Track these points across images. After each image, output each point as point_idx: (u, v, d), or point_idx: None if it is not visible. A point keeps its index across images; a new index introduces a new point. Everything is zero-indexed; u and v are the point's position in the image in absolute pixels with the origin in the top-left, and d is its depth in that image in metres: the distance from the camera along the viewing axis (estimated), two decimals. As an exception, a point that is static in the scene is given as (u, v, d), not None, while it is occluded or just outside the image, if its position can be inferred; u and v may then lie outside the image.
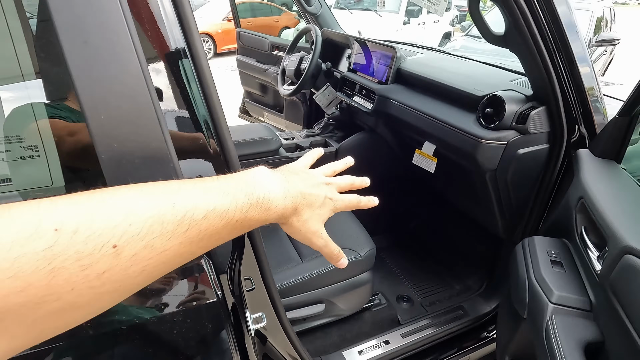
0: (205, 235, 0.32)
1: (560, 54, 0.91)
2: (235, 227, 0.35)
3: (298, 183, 0.42)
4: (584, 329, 0.67)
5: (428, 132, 1.26)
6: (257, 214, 0.36)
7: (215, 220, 0.32)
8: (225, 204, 0.33)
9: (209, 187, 0.33)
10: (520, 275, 0.86)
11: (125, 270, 0.26)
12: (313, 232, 0.45)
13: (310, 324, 1.17)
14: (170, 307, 0.54)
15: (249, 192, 0.35)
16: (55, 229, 0.24)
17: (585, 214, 0.77)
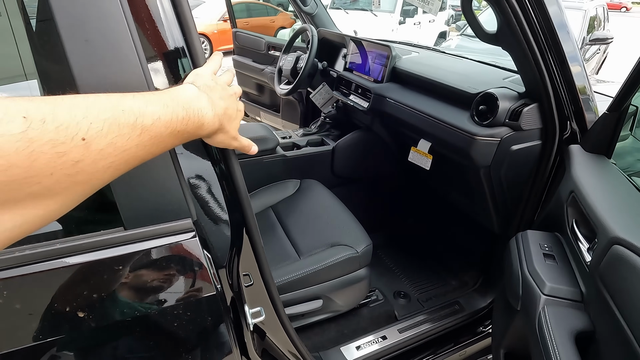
0: (155, 141, 0.37)
1: (552, 52, 0.93)
2: (177, 136, 0.40)
3: (219, 101, 0.47)
4: (575, 319, 0.69)
5: (423, 129, 1.27)
6: (193, 127, 0.42)
7: (161, 128, 0.37)
8: (168, 115, 0.38)
9: (150, 99, 0.38)
10: (513, 269, 0.88)
11: (95, 164, 0.31)
12: (231, 138, 0.52)
13: (308, 320, 1.18)
14: (170, 300, 0.55)
15: (185, 106, 0.41)
16: (23, 117, 0.26)
17: (576, 207, 0.79)
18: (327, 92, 1.79)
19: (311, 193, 1.43)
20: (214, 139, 0.51)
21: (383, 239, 1.75)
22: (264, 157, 1.51)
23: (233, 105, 0.51)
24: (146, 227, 0.54)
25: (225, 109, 0.49)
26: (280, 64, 1.89)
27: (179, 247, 0.56)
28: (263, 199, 1.45)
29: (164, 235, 0.55)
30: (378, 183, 1.81)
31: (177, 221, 0.56)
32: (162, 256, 0.55)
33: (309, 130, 1.80)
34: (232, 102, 0.51)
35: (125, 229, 0.53)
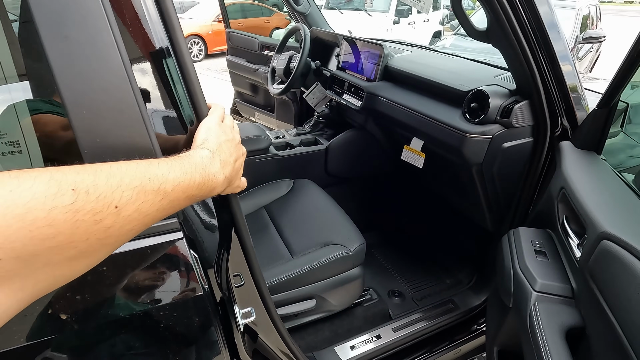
0: (173, 204, 0.40)
1: (542, 51, 0.93)
2: (191, 200, 0.43)
3: (229, 159, 0.50)
4: (566, 315, 0.69)
5: (416, 128, 1.27)
6: (205, 192, 0.45)
7: (179, 193, 0.40)
8: (186, 181, 0.41)
9: (173, 165, 0.40)
10: (505, 266, 0.88)
11: (122, 228, 0.34)
12: (235, 187, 0.56)
13: (301, 320, 1.18)
14: (156, 300, 0.54)
15: (202, 173, 0.43)
16: (72, 189, 0.30)
17: (566, 203, 0.79)
18: (321, 91, 1.79)
19: (304, 193, 1.42)
20: (221, 193, 0.53)
21: (377, 238, 1.75)
22: (257, 157, 1.50)
23: (239, 156, 0.54)
24: (131, 227, 0.53)
25: (233, 167, 0.51)
26: (273, 63, 1.89)
27: (164, 246, 0.55)
28: (256, 199, 1.44)
29: (149, 235, 0.54)
30: (372, 182, 1.81)
31: (163, 221, 0.55)
32: (147, 256, 0.54)
33: (302, 130, 1.79)
34: (239, 154, 0.54)
35: (110, 229, 0.53)
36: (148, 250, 0.54)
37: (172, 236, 0.55)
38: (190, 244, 0.58)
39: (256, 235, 1.27)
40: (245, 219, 1.37)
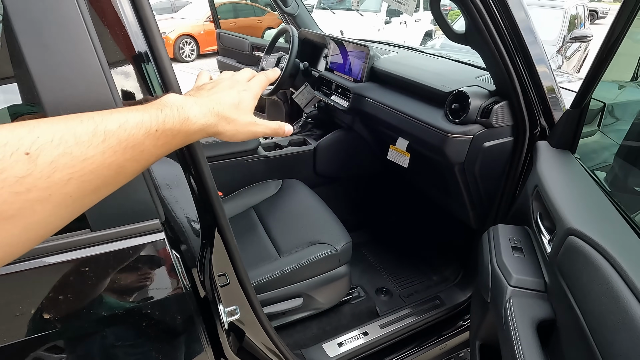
0: (129, 145, 0.34)
1: (519, 54, 0.96)
2: (159, 137, 0.37)
3: (210, 94, 0.45)
4: (537, 308, 0.72)
5: (400, 128, 1.30)
6: (176, 123, 0.39)
7: (132, 129, 0.35)
8: (138, 116, 0.36)
9: (119, 109, 0.36)
10: (484, 262, 0.90)
11: (49, 177, 0.29)
12: (247, 124, 0.47)
13: (289, 318, 1.20)
14: (138, 300, 0.56)
15: (161, 106, 0.39)
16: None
17: (540, 201, 0.81)
18: (310, 92, 1.81)
19: (293, 193, 1.44)
20: (227, 134, 0.46)
21: (366, 237, 1.77)
22: (246, 158, 1.52)
23: (232, 91, 0.47)
24: (113, 228, 0.55)
25: (220, 100, 0.45)
26: (262, 64, 1.90)
27: (147, 247, 0.57)
28: (245, 199, 1.46)
29: (131, 236, 0.56)
30: (360, 181, 1.84)
31: (144, 222, 0.57)
32: (129, 257, 0.56)
33: (291, 131, 1.81)
34: (231, 90, 0.47)
35: (92, 231, 0.54)
36: (130, 251, 0.56)
37: (154, 237, 0.57)
38: (172, 244, 0.60)
39: (244, 235, 1.28)
40: (234, 219, 1.40)
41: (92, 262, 0.54)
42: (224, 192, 1.49)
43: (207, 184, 0.66)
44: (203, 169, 0.65)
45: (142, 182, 0.55)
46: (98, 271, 0.54)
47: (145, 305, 0.56)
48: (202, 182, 0.66)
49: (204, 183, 0.66)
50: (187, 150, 0.62)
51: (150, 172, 0.59)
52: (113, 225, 0.55)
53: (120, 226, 0.55)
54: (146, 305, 0.56)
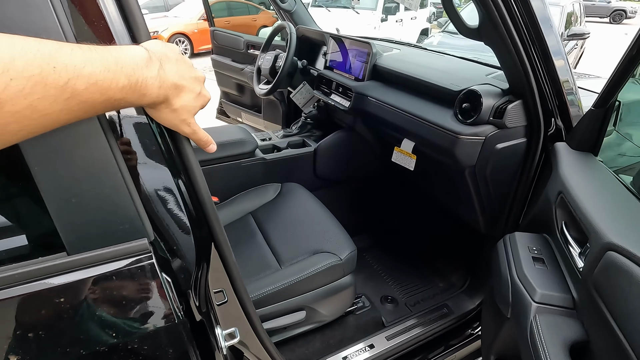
0: (84, 107, 0.33)
1: (535, 47, 0.89)
2: (113, 104, 0.36)
3: (173, 73, 0.43)
4: (568, 328, 0.66)
5: (406, 129, 1.23)
6: (133, 97, 0.38)
7: (95, 94, 0.33)
8: (107, 81, 0.34)
9: (91, 58, 0.33)
10: (502, 274, 0.84)
11: (5, 127, 0.28)
12: (181, 120, 0.47)
13: (291, 332, 1.13)
14: (123, 333, 0.48)
15: (129, 73, 0.36)
16: None
17: (565, 209, 0.75)
18: (308, 91, 1.74)
19: (293, 197, 1.37)
20: (158, 115, 0.46)
21: (368, 242, 1.71)
22: (243, 161, 1.44)
23: (194, 88, 0.46)
24: (93, 250, 0.47)
25: (178, 85, 0.44)
26: (258, 63, 1.83)
27: (132, 271, 0.49)
28: (242, 205, 1.38)
29: (114, 259, 0.48)
30: (362, 184, 1.77)
31: (130, 242, 0.49)
32: (112, 284, 0.48)
33: (289, 132, 1.73)
34: (193, 85, 0.46)
35: (69, 254, 0.47)
36: (113, 277, 0.48)
37: (140, 259, 0.49)
38: (162, 266, 0.52)
39: (242, 243, 1.21)
40: (231, 226, 1.32)
41: (69, 291, 0.46)
42: (220, 197, 1.41)
43: (202, 196, 0.59)
44: (197, 178, 0.57)
45: (127, 196, 0.48)
46: (76, 302, 0.46)
47: (131, 341, 0.48)
48: (196, 193, 0.58)
49: (197, 194, 0.59)
50: (177, 154, 0.55)
51: (138, 183, 0.51)
52: (93, 247, 0.47)
53: (102, 248, 0.48)
54: (133, 341, 0.48)
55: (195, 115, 0.49)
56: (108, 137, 0.45)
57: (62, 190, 0.44)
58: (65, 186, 0.44)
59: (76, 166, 0.44)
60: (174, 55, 0.45)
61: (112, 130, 0.47)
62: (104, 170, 0.46)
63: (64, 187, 0.44)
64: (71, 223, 0.46)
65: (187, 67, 0.46)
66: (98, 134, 0.44)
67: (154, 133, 0.51)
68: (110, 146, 0.46)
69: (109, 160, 0.46)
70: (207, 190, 0.59)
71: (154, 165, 0.54)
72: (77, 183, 0.45)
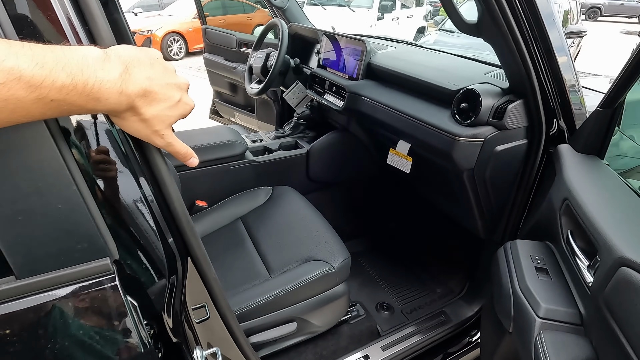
0: (7, 107, 0.29)
1: (538, 43, 0.84)
2: (51, 107, 0.32)
3: (142, 79, 0.38)
4: (576, 346, 0.61)
5: (401, 130, 1.18)
6: (81, 100, 0.34)
7: (20, 91, 0.29)
8: (38, 76, 0.30)
9: (17, 51, 0.29)
10: (503, 285, 0.79)
11: None
12: (153, 131, 0.42)
13: (281, 344, 1.07)
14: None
15: (73, 72, 0.32)
16: None
17: (572, 217, 0.70)
18: (301, 90, 1.68)
19: (284, 201, 1.31)
20: (125, 124, 0.41)
21: (363, 246, 1.66)
22: (232, 164, 1.38)
23: (170, 95, 0.41)
24: (45, 273, 0.42)
25: (148, 91, 0.39)
26: (250, 61, 1.77)
27: (92, 296, 0.44)
28: (232, 209, 1.33)
29: (70, 283, 0.43)
30: (357, 187, 1.72)
31: (89, 263, 0.44)
32: (68, 310, 0.43)
33: (281, 133, 1.68)
34: (169, 91, 0.41)
35: (17, 278, 0.41)
36: (69, 303, 0.43)
37: (101, 281, 0.44)
38: (129, 287, 0.47)
39: (230, 250, 1.16)
40: (219, 232, 1.26)
41: (16, 321, 0.41)
42: (208, 202, 1.35)
43: (175, 207, 0.53)
44: (168, 188, 0.52)
45: (84, 211, 0.42)
46: (24, 334, 0.41)
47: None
48: (167, 205, 0.53)
49: (169, 206, 0.53)
50: (143, 163, 0.49)
51: (117, 197, 0.46)
52: (45, 269, 0.42)
53: (56, 270, 0.42)
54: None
55: (172, 125, 0.44)
56: (59, 143, 0.40)
57: (5, 206, 0.38)
58: (8, 202, 0.38)
59: (20, 179, 0.38)
60: (148, 59, 0.40)
61: (68, 137, 0.41)
62: (55, 182, 0.40)
63: (7, 203, 0.38)
64: (18, 243, 0.40)
65: (164, 72, 0.41)
66: (46, 140, 0.39)
67: (116, 139, 0.45)
68: (61, 154, 0.40)
69: (61, 170, 0.40)
70: (181, 202, 0.53)
71: (120, 169, 0.48)
72: (22, 198, 0.39)
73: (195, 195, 1.34)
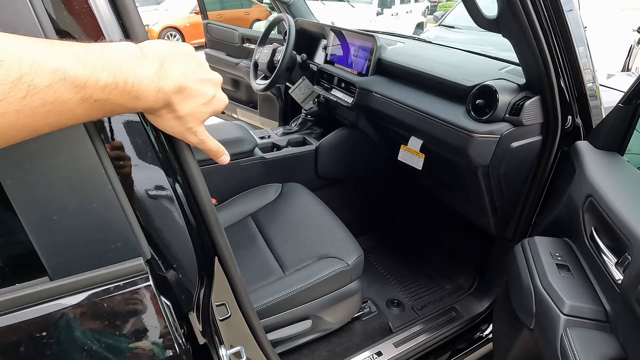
0: (54, 109, 0.28)
1: (557, 36, 0.83)
2: (95, 108, 0.31)
3: (178, 75, 0.37)
4: (603, 343, 0.61)
5: (414, 126, 1.17)
6: (122, 99, 0.33)
7: (66, 92, 0.28)
8: (82, 76, 0.29)
9: (59, 51, 0.28)
10: (523, 282, 0.79)
11: None
12: (187, 128, 0.41)
13: (296, 342, 1.07)
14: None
15: (114, 71, 0.31)
16: None
17: (596, 213, 0.70)
18: (308, 86, 1.67)
19: (294, 198, 1.30)
20: (160, 122, 0.40)
21: (373, 242, 1.66)
22: (241, 161, 1.37)
23: (204, 91, 0.40)
24: (80, 274, 0.41)
25: (183, 87, 0.38)
26: (255, 57, 1.75)
27: (126, 296, 0.43)
28: (241, 207, 1.32)
29: (104, 284, 0.42)
30: (365, 183, 1.71)
31: (122, 263, 0.43)
32: (104, 311, 0.42)
33: (289, 129, 1.67)
34: (204, 87, 0.40)
35: (51, 279, 0.40)
36: (104, 304, 0.42)
37: (135, 281, 0.43)
38: (161, 288, 0.46)
39: (243, 248, 1.15)
40: (230, 229, 1.25)
41: (52, 322, 0.40)
42: (218, 199, 1.34)
43: (205, 207, 0.52)
44: (199, 188, 0.51)
45: (118, 210, 0.41)
46: (61, 335, 0.40)
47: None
48: (197, 204, 0.52)
49: (199, 205, 0.52)
50: (176, 161, 0.48)
51: (132, 194, 0.45)
52: (80, 270, 0.41)
53: (90, 271, 0.41)
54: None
55: (204, 121, 0.43)
56: (94, 141, 0.38)
57: (41, 206, 0.37)
58: (44, 201, 0.37)
59: (56, 178, 0.37)
60: (182, 54, 0.39)
61: (100, 134, 0.40)
62: (90, 181, 0.39)
63: (43, 202, 0.37)
64: (53, 243, 0.39)
65: (197, 67, 0.40)
66: (82, 138, 0.37)
67: (149, 137, 0.44)
68: (97, 152, 0.39)
69: (97, 169, 0.39)
70: (210, 201, 0.52)
71: (147, 166, 0.47)
72: (58, 197, 0.38)
73: (204, 193, 1.33)
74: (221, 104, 0.44)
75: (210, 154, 0.46)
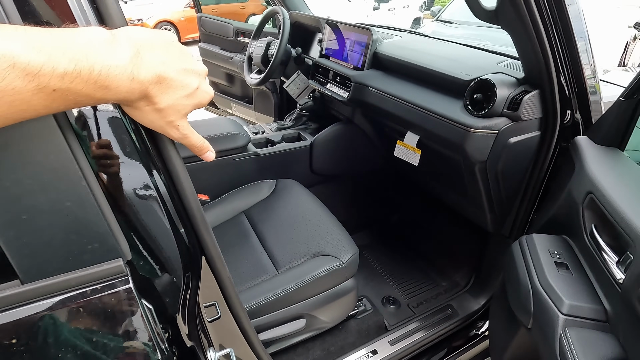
0: (3, 99, 0.26)
1: (558, 28, 0.81)
2: (55, 98, 0.28)
3: (156, 64, 0.34)
4: (603, 343, 0.59)
5: (410, 121, 1.15)
6: (88, 89, 0.30)
7: (16, 80, 0.25)
8: (35, 64, 0.26)
9: (10, 35, 0.26)
10: (521, 280, 0.77)
11: None
12: (167, 122, 0.38)
13: (289, 341, 1.05)
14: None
15: (76, 57, 0.28)
16: None
17: (597, 211, 0.68)
18: (302, 81, 1.64)
19: (288, 194, 1.28)
20: (138, 115, 0.37)
21: (368, 239, 1.64)
22: (235, 156, 1.34)
23: (187, 82, 0.37)
24: (53, 277, 0.38)
25: (161, 75, 0.35)
26: (249, 51, 1.71)
27: (104, 300, 0.40)
28: (234, 203, 1.29)
29: (80, 287, 0.39)
30: (361, 179, 1.69)
31: (100, 265, 0.40)
32: (79, 316, 0.39)
33: (284, 124, 1.64)
34: (186, 78, 0.37)
35: (22, 283, 0.37)
36: (80, 309, 0.39)
37: (114, 284, 0.40)
38: (142, 290, 0.44)
39: (235, 245, 1.12)
40: (223, 226, 1.23)
41: (23, 329, 0.37)
42: (210, 195, 1.31)
43: (189, 204, 0.50)
44: (183, 184, 0.48)
45: (95, 209, 0.39)
46: (33, 342, 0.37)
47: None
48: (182, 201, 0.49)
49: (183, 202, 0.50)
50: (157, 156, 0.46)
51: (121, 194, 0.42)
52: (53, 272, 0.38)
53: (65, 273, 0.38)
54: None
55: (187, 115, 0.40)
56: (67, 135, 0.36)
57: (8, 204, 0.34)
58: (11, 199, 0.34)
59: (25, 174, 0.34)
60: (163, 42, 0.36)
61: (75, 129, 0.37)
62: (63, 177, 0.36)
63: (10, 200, 0.34)
64: (23, 244, 0.36)
65: (180, 57, 0.37)
66: (52, 132, 0.35)
67: (128, 130, 0.41)
68: (70, 147, 0.36)
69: (70, 164, 0.36)
70: (197, 200, 0.50)
71: (127, 162, 0.45)
72: (27, 195, 0.35)
73: (196, 189, 1.29)
74: (206, 96, 0.41)
75: (194, 149, 0.44)
